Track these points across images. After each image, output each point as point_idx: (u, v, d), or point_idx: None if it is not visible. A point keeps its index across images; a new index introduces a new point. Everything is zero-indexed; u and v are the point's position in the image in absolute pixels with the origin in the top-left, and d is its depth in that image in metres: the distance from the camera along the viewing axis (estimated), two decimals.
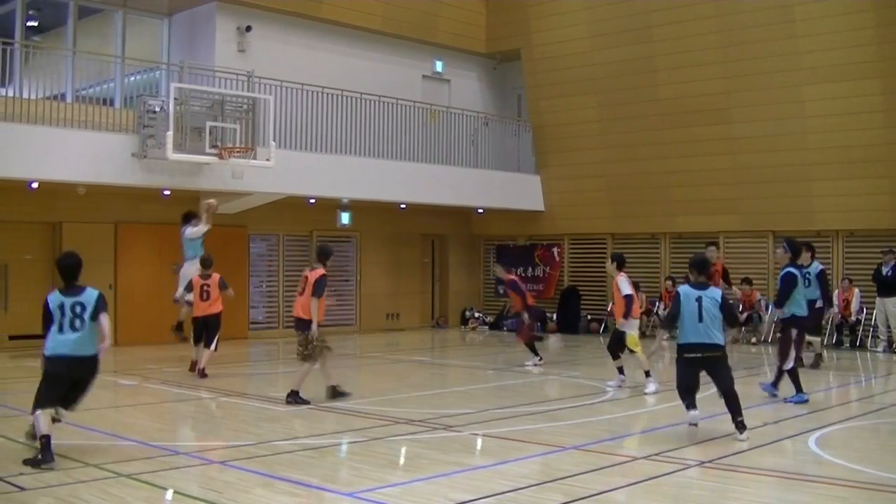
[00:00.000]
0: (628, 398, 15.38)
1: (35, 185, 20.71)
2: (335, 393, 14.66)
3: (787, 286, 14.84)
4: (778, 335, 16.08)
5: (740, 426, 11.50)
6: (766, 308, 25.20)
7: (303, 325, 14.50)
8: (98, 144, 20.10)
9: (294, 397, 14.30)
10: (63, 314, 10.56)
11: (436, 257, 31.13)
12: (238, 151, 20.94)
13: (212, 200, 18.91)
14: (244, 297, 24.66)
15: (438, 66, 29.89)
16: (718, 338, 11.64)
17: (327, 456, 10.93)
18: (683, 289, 11.92)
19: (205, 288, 17.74)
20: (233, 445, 11.13)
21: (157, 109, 20.41)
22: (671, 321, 11.99)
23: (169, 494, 8.83)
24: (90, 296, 10.88)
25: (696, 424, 11.77)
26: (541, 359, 19.93)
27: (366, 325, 28.28)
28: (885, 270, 22.70)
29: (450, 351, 19.23)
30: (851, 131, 23.80)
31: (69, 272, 10.93)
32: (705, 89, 25.82)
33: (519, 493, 8.86)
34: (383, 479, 9.48)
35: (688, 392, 11.82)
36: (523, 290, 20.41)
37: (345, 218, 27.68)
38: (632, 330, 16.45)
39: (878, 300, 22.98)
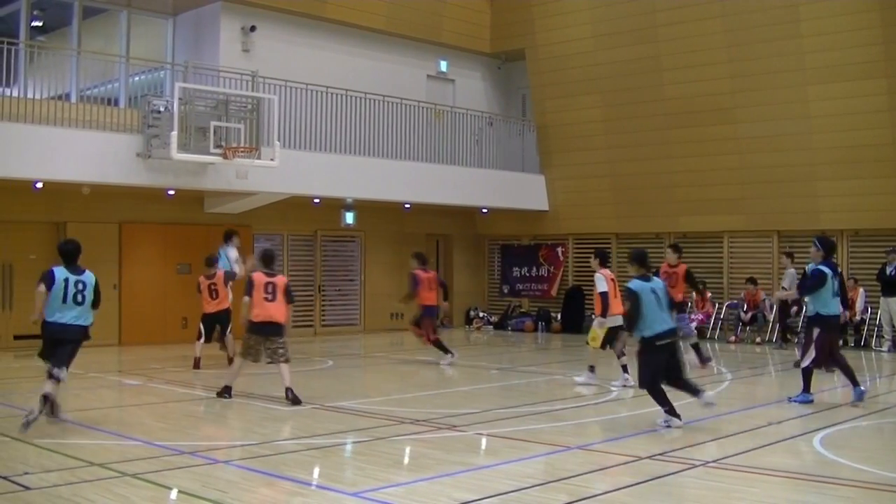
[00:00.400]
0: (632, 398, 15.36)
1: (39, 185, 20.74)
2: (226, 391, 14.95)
3: (815, 283, 14.49)
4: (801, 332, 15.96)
5: (700, 394, 12.68)
6: (771, 308, 25.21)
7: (278, 329, 14.59)
8: (102, 144, 20.12)
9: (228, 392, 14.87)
10: (67, 289, 12.11)
11: (440, 257, 31.13)
12: (242, 151, 20.94)
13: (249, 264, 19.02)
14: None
15: (443, 65, 29.88)
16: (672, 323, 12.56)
17: (331, 455, 10.93)
18: (637, 284, 12.41)
19: (212, 287, 18.05)
20: (237, 445, 11.14)
21: (162, 109, 20.44)
22: (637, 320, 12.35)
23: (174, 494, 8.83)
24: (89, 277, 12.47)
25: (713, 403, 12.70)
26: (453, 354, 20.05)
27: (370, 325, 28.29)
28: (889, 270, 22.71)
29: (454, 350, 19.27)
30: (857, 131, 23.79)
31: (70, 256, 12.40)
32: (710, 89, 25.80)
33: (523, 493, 8.86)
34: (387, 478, 9.48)
35: (657, 381, 12.43)
36: (419, 286, 20.06)
37: (349, 218, 27.67)
38: (599, 327, 16.92)
39: (882, 300, 22.98)
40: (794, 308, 23.94)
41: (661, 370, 12.43)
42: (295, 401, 14.02)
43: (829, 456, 10.69)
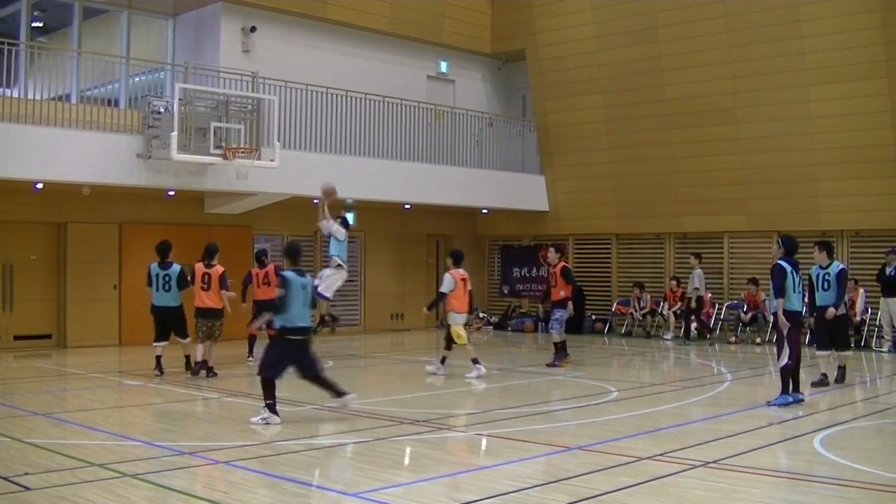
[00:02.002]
0: (632, 399, 15.36)
1: (40, 185, 20.76)
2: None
3: (775, 278, 14.47)
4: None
5: (342, 395, 12.98)
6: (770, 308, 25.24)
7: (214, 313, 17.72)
8: (103, 145, 20.13)
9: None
10: (158, 280, 17.63)
11: (440, 257, 31.11)
12: (243, 152, 20.95)
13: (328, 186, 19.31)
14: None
15: (443, 66, 29.89)
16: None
17: (332, 456, 10.95)
18: (291, 275, 12.68)
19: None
20: (238, 445, 11.13)
21: (162, 110, 20.45)
22: (283, 308, 12.62)
23: (174, 495, 8.83)
24: (174, 270, 17.68)
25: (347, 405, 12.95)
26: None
27: (371, 326, 28.30)
28: (888, 270, 22.72)
29: (454, 351, 19.20)
30: (858, 131, 23.80)
31: (162, 254, 17.70)
32: (712, 89, 25.82)
33: (523, 494, 8.85)
34: (388, 479, 9.48)
35: (274, 373, 12.61)
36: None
37: (349, 218, 27.60)
38: (454, 323, 17.80)
39: (882, 300, 22.99)
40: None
41: (282, 363, 12.62)
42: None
43: (829, 456, 10.68)
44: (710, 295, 26.29)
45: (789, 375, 14.31)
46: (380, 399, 15.27)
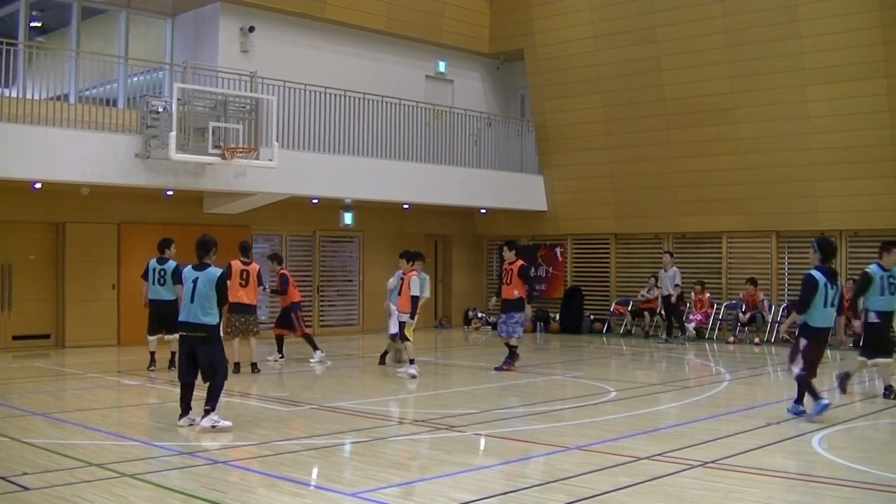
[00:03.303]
0: (630, 399, 15.37)
1: (38, 185, 20.75)
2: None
3: (806, 291, 13.26)
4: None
5: (206, 412, 12.05)
6: (769, 308, 25.26)
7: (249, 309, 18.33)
8: (101, 145, 20.12)
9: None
10: (155, 274, 17.93)
11: (439, 257, 31.14)
12: (241, 152, 20.95)
13: None
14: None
15: (442, 66, 29.89)
16: (206, 319, 12.16)
17: (330, 456, 10.94)
18: (186, 271, 12.65)
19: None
20: (236, 445, 11.14)
21: (161, 110, 20.44)
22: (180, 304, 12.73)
23: (173, 495, 8.83)
24: (170, 265, 17.72)
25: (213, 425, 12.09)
26: (323, 352, 20.42)
27: (369, 325, 28.26)
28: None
29: (453, 351, 19.20)
30: (856, 131, 23.82)
31: (161, 249, 17.50)
32: (710, 89, 25.83)
33: (522, 494, 8.86)
34: (386, 479, 9.48)
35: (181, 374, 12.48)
36: (289, 284, 20.31)
37: (348, 218, 27.70)
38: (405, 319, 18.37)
39: None
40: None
41: (184, 361, 12.41)
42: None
43: (827, 456, 10.70)
44: (708, 294, 26.33)
45: (805, 385, 13.39)
46: (378, 399, 15.29)
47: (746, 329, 25.47)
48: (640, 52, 26.91)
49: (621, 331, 28.01)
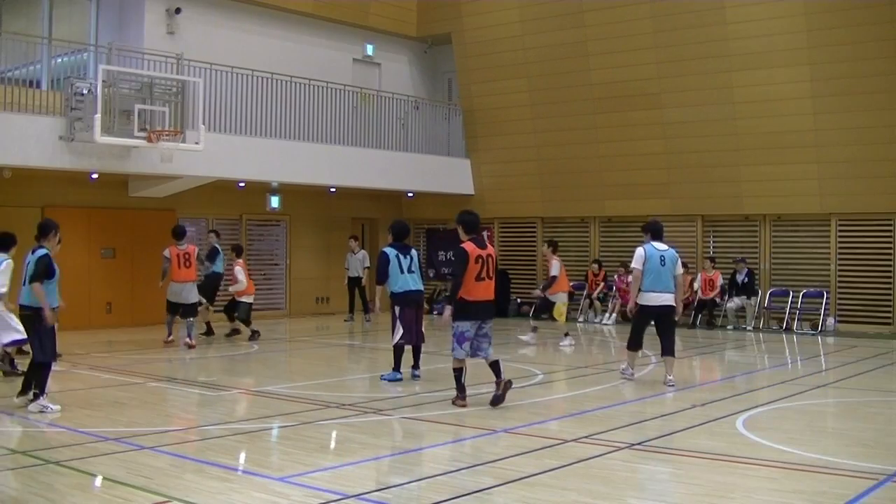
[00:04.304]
0: (556, 381, 15.47)
1: None
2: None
3: (381, 266, 15.25)
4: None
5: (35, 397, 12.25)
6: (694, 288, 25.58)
7: None
8: (24, 127, 19.83)
9: None
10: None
11: (366, 241, 31.09)
12: (167, 134, 20.77)
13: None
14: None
15: (369, 49, 29.82)
16: (27, 298, 12.72)
17: (258, 441, 10.91)
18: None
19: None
20: (163, 431, 11.07)
21: (85, 92, 20.17)
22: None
23: (98, 481, 8.77)
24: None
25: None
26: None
27: (295, 309, 28.20)
28: (738, 278, 24.84)
29: (380, 335, 19.21)
30: (780, 117, 24.14)
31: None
32: (637, 74, 26.02)
33: (450, 477, 8.89)
34: (314, 463, 9.48)
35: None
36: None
37: (274, 202, 27.59)
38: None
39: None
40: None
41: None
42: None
43: (752, 437, 10.84)
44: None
45: (401, 352, 15.27)
46: (305, 383, 15.26)
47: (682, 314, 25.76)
48: (567, 36, 27.02)
49: (546, 315, 28.16)
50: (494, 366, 12.98)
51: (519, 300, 29.36)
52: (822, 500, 8.23)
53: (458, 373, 13.01)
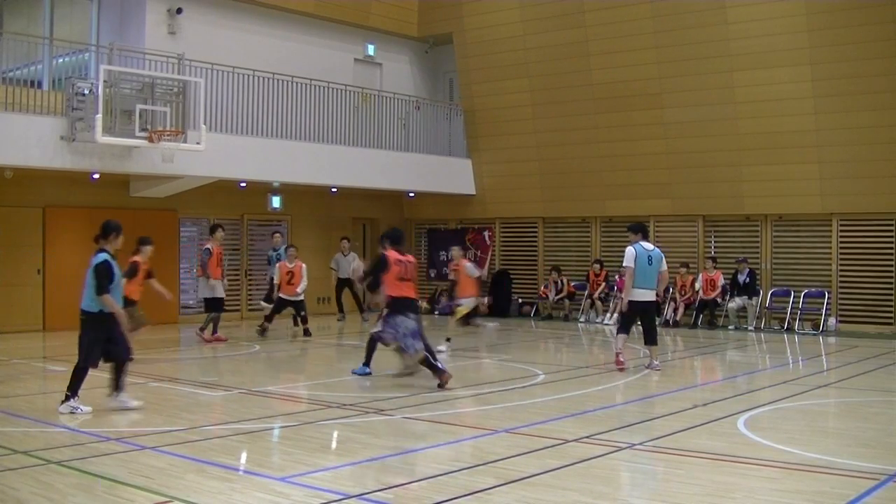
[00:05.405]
0: (558, 381, 15.47)
1: None
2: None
3: (377, 268, 15.15)
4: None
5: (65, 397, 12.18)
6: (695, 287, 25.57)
7: None
8: (26, 127, 19.83)
9: None
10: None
11: (367, 241, 31.09)
12: (168, 134, 20.77)
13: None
14: (175, 281, 24.49)
15: (370, 49, 29.83)
16: (87, 304, 12.49)
17: (259, 441, 10.91)
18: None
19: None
20: (164, 431, 11.07)
21: (86, 92, 20.17)
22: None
23: (99, 481, 8.77)
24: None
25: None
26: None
27: None
28: (740, 278, 24.74)
29: None
30: (781, 117, 24.14)
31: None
32: (638, 74, 26.02)
33: (451, 477, 8.89)
34: (315, 463, 9.48)
35: None
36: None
37: (276, 202, 27.60)
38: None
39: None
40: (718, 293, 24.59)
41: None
42: None
43: (753, 437, 10.84)
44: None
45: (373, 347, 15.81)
46: (307, 383, 15.27)
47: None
48: (568, 36, 27.02)
49: (545, 314, 28.18)
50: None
51: (520, 300, 29.35)
52: (822, 500, 8.23)
53: (427, 361, 14.41)
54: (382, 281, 14.92)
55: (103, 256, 12.32)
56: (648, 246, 16.69)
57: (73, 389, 12.12)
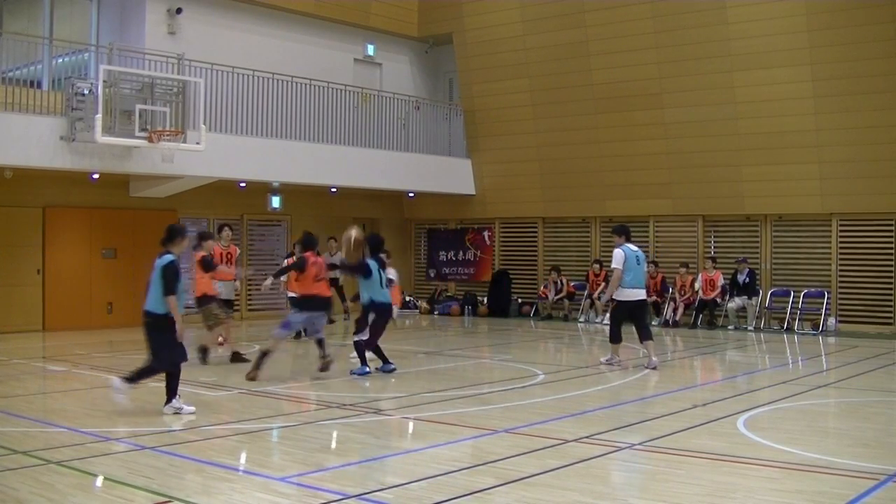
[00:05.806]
0: (558, 381, 15.47)
1: None
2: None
3: (365, 273, 16.19)
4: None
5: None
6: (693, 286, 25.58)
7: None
8: (25, 127, 19.82)
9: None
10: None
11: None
12: (168, 134, 20.76)
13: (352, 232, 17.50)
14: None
15: (370, 49, 29.82)
16: (153, 305, 12.21)
17: (259, 441, 10.91)
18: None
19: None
20: (164, 431, 11.07)
21: (86, 92, 20.16)
22: None
23: (99, 481, 8.77)
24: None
25: None
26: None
27: None
28: (739, 278, 24.77)
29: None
30: (781, 117, 24.14)
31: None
32: (638, 74, 26.02)
33: (450, 477, 8.89)
34: (315, 463, 9.48)
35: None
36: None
37: (275, 202, 27.59)
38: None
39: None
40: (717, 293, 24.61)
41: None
42: None
43: (752, 437, 10.84)
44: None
45: (364, 351, 16.16)
46: (306, 383, 15.26)
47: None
48: (568, 36, 27.02)
49: (544, 314, 28.17)
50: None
51: (520, 300, 29.34)
52: (822, 500, 8.23)
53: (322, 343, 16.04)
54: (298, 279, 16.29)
55: (170, 258, 12.31)
56: (633, 247, 17.13)
57: (171, 391, 12.17)
